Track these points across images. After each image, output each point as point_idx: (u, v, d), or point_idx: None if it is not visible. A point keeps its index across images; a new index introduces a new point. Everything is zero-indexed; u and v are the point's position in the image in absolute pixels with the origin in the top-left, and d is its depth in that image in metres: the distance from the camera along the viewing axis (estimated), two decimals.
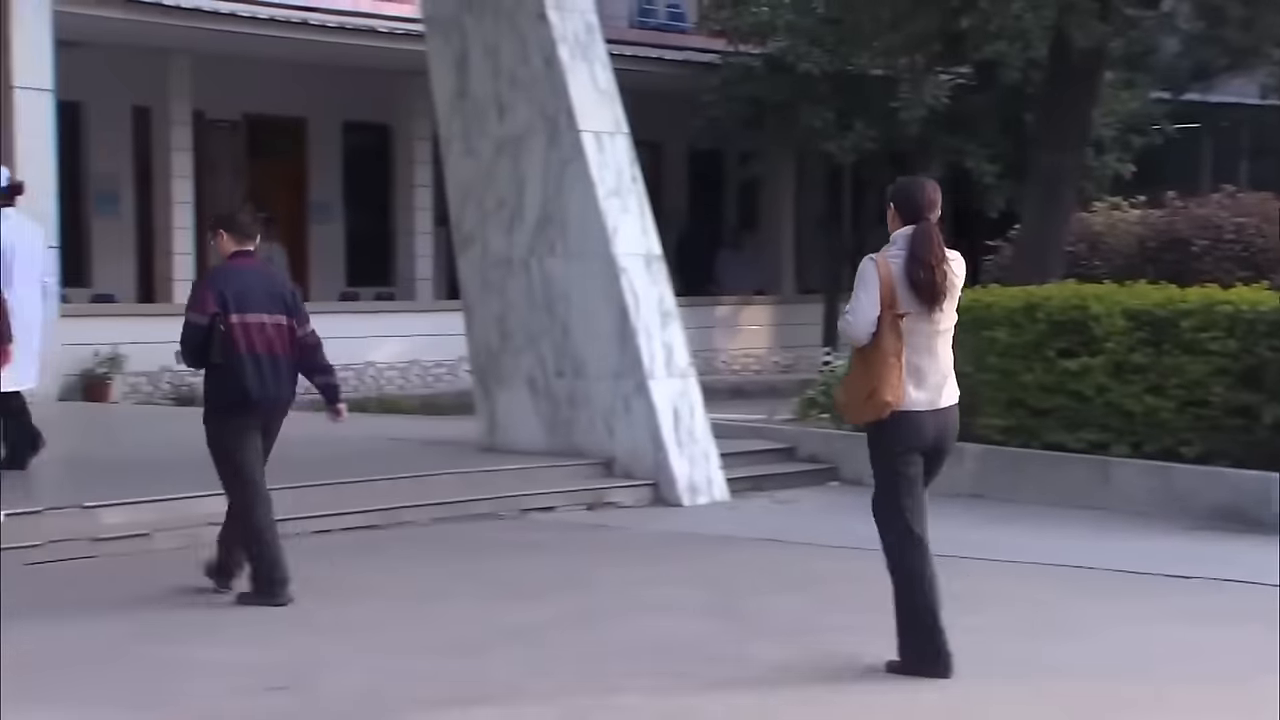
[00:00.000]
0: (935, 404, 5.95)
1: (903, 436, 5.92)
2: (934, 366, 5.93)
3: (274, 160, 20.82)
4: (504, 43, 11.10)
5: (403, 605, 7.41)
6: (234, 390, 7.34)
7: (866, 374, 5.89)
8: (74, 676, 6.11)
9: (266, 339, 7.39)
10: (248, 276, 7.52)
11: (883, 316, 5.85)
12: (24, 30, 13.84)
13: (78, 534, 8.34)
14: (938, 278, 5.86)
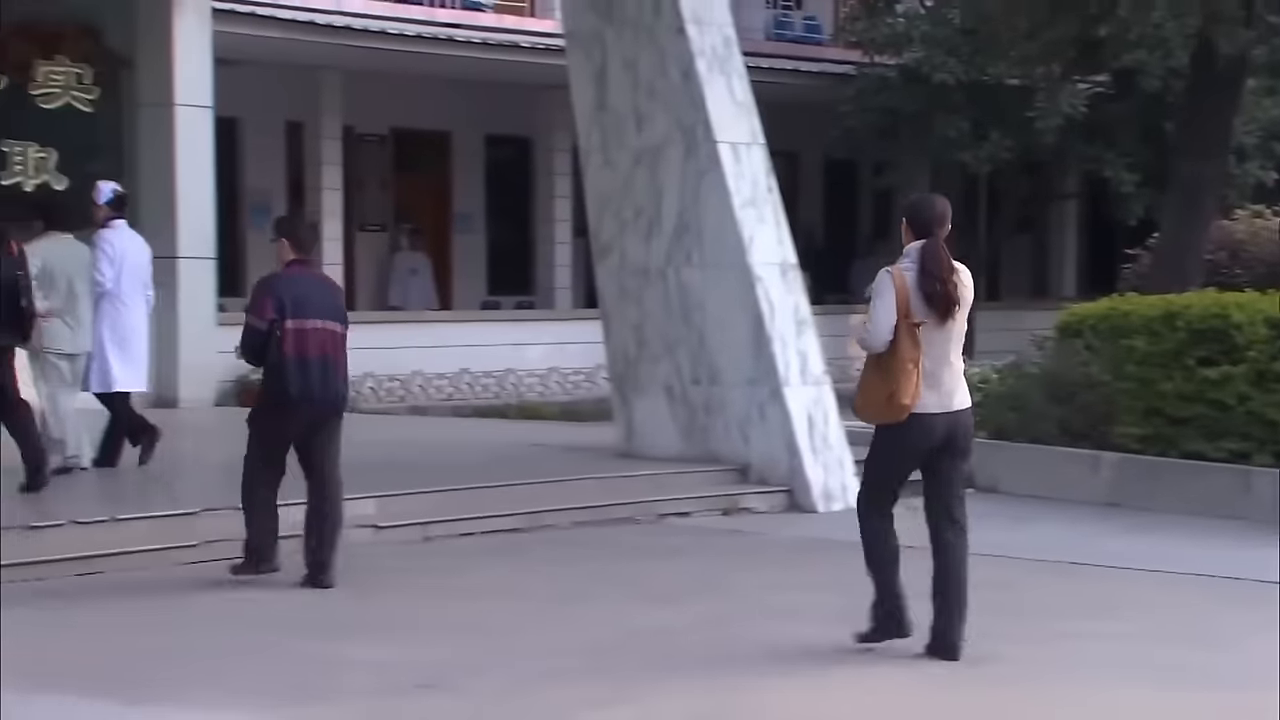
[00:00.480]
0: (948, 407, 6.21)
1: (915, 436, 6.19)
2: (947, 372, 6.20)
3: (419, 173, 21.11)
4: (643, 56, 11.14)
5: (543, 607, 7.47)
6: (280, 390, 7.67)
7: (885, 379, 6.14)
8: (232, 670, 6.24)
9: (319, 343, 7.67)
10: (304, 284, 7.81)
11: (899, 325, 6.11)
12: (186, 50, 14.19)
13: (230, 535, 8.49)
14: (949, 289, 6.17)
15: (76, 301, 9.61)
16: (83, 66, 13.89)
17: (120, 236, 10.01)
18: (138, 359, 10.14)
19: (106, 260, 9.88)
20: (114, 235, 10.00)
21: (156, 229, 14.26)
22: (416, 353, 17.53)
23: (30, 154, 13.64)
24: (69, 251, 9.68)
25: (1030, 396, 11.41)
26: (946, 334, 6.18)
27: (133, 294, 10.06)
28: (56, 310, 9.55)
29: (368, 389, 16.90)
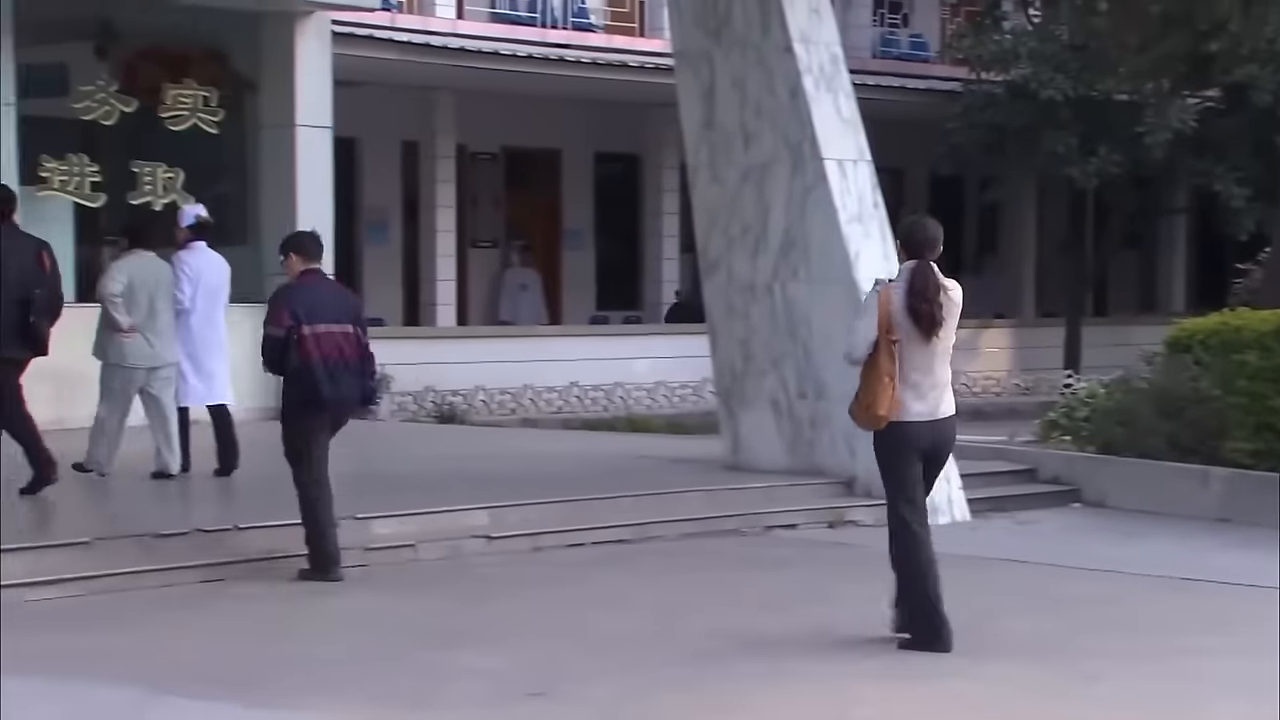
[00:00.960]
0: (934, 415, 6.66)
1: (901, 442, 6.65)
2: (931, 382, 6.64)
3: (530, 190, 21.26)
4: (751, 75, 11.15)
5: (652, 616, 7.48)
6: (308, 392, 7.95)
7: (866, 390, 6.63)
8: (348, 677, 6.32)
9: (336, 345, 7.99)
10: (316, 292, 8.14)
11: (880, 340, 6.55)
12: (307, 73, 14.42)
13: (351, 544, 8.60)
14: (934, 309, 6.60)
15: (156, 318, 9.88)
16: (209, 89, 14.15)
17: (198, 257, 10.26)
18: (210, 374, 10.38)
19: (186, 280, 10.13)
20: (191, 256, 10.26)
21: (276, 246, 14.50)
22: (527, 366, 17.64)
23: (159, 174, 13.90)
24: (151, 269, 9.93)
25: (1139, 411, 11.25)
26: (931, 349, 6.62)
27: (209, 312, 10.31)
28: (138, 326, 9.84)
29: (479, 401, 17.03)
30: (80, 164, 13.40)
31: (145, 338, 9.90)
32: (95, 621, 7.08)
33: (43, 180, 13.19)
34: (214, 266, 10.48)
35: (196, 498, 9.55)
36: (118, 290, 9.76)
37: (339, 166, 15.24)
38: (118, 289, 9.76)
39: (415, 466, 11.68)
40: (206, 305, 10.29)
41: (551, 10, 19.78)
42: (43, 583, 7.53)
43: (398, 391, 16.18)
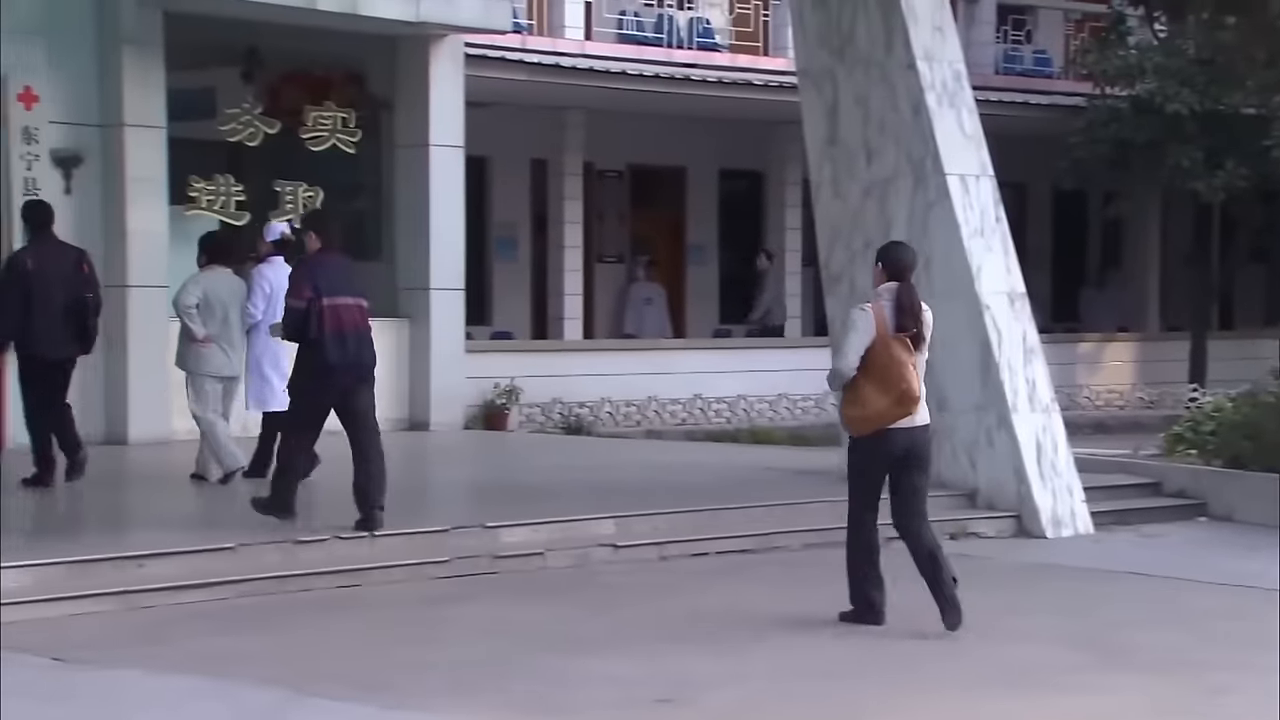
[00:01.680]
0: (911, 423, 7.11)
1: (880, 446, 7.11)
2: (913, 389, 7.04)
3: (656, 207, 21.33)
4: (874, 92, 11.11)
5: (777, 626, 7.46)
6: (322, 360, 8.49)
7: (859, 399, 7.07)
8: (478, 682, 6.38)
9: (352, 318, 8.57)
10: (332, 267, 8.69)
11: (882, 339, 7.01)
12: (440, 94, 14.61)
13: (480, 551, 8.70)
14: (920, 327, 7.11)
15: (231, 330, 10.20)
16: (348, 111, 14.39)
17: (276, 272, 10.38)
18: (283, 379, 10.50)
19: (260, 294, 10.37)
20: (269, 270, 10.45)
21: (410, 262, 14.77)
22: (651, 379, 17.68)
23: (300, 193, 14.16)
24: (226, 284, 10.28)
25: (1266, 425, 11.00)
26: (916, 359, 7.13)
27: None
28: (214, 336, 10.22)
29: (605, 413, 17.11)
30: (226, 184, 13.70)
31: (221, 348, 10.30)
32: (240, 624, 7.23)
33: (191, 200, 13.50)
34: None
35: (333, 505, 9.71)
36: (193, 303, 10.18)
37: (470, 184, 15.40)
38: (193, 301, 10.18)
39: (543, 476, 11.77)
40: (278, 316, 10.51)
41: (678, 31, 19.84)
42: (191, 586, 7.71)
43: (526, 403, 16.30)
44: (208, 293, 10.24)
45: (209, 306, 10.23)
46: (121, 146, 12.85)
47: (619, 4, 19.65)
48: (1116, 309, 23.28)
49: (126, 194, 12.86)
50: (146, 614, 7.34)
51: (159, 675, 6.28)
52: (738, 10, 20.65)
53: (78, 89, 12.73)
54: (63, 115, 12.63)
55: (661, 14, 19.84)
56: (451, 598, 7.95)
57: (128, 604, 7.43)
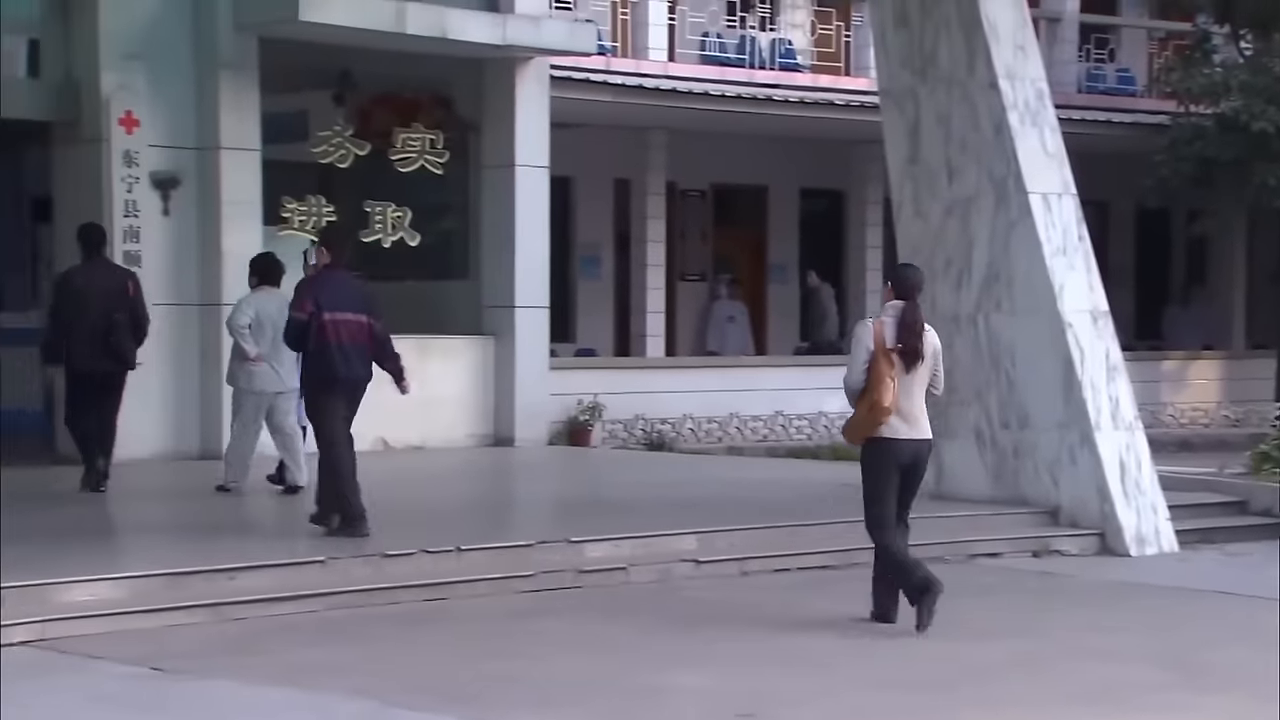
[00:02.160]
0: (915, 435, 7.55)
1: (891, 456, 7.53)
2: (911, 406, 7.51)
3: (737, 225, 21.31)
4: (955, 111, 11.04)
5: (859, 641, 7.41)
6: (324, 370, 8.88)
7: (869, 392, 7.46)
8: (562, 695, 6.38)
9: (350, 331, 8.89)
10: (335, 282, 9.02)
11: (878, 355, 7.43)
12: (526, 115, 14.69)
13: (564, 566, 8.71)
14: (918, 344, 7.49)
15: (280, 348, 10.22)
16: (435, 133, 14.51)
17: None
18: None
19: None
20: None
21: (496, 280, 14.85)
22: (733, 396, 17.65)
23: (389, 213, 14.30)
24: (276, 304, 10.36)
25: None
26: (912, 378, 7.52)
27: None
28: (264, 355, 10.44)
29: (687, 429, 17.10)
30: (318, 205, 13.86)
31: (271, 366, 10.49)
32: (329, 636, 7.29)
33: (284, 220, 13.67)
34: None
35: (420, 521, 9.77)
36: (245, 322, 10.43)
37: (555, 203, 15.46)
38: (245, 321, 10.43)
39: (626, 492, 11.77)
40: None
41: (760, 52, 19.82)
42: (281, 598, 7.78)
43: (609, 420, 16.32)
44: (259, 313, 10.45)
45: (260, 326, 10.43)
46: (218, 169, 13.04)
47: (702, 26, 19.68)
48: (1201, 327, 22.93)
49: (222, 215, 13.04)
50: (239, 625, 7.42)
51: (253, 686, 6.34)
52: (820, 31, 20.61)
53: (176, 113, 12.93)
54: (162, 139, 12.84)
55: (744, 35, 19.84)
56: (536, 612, 7.97)
57: (220, 615, 7.52)
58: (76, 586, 7.45)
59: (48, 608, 7.22)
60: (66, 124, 12.71)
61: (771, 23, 20.25)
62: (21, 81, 13.23)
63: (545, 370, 14.96)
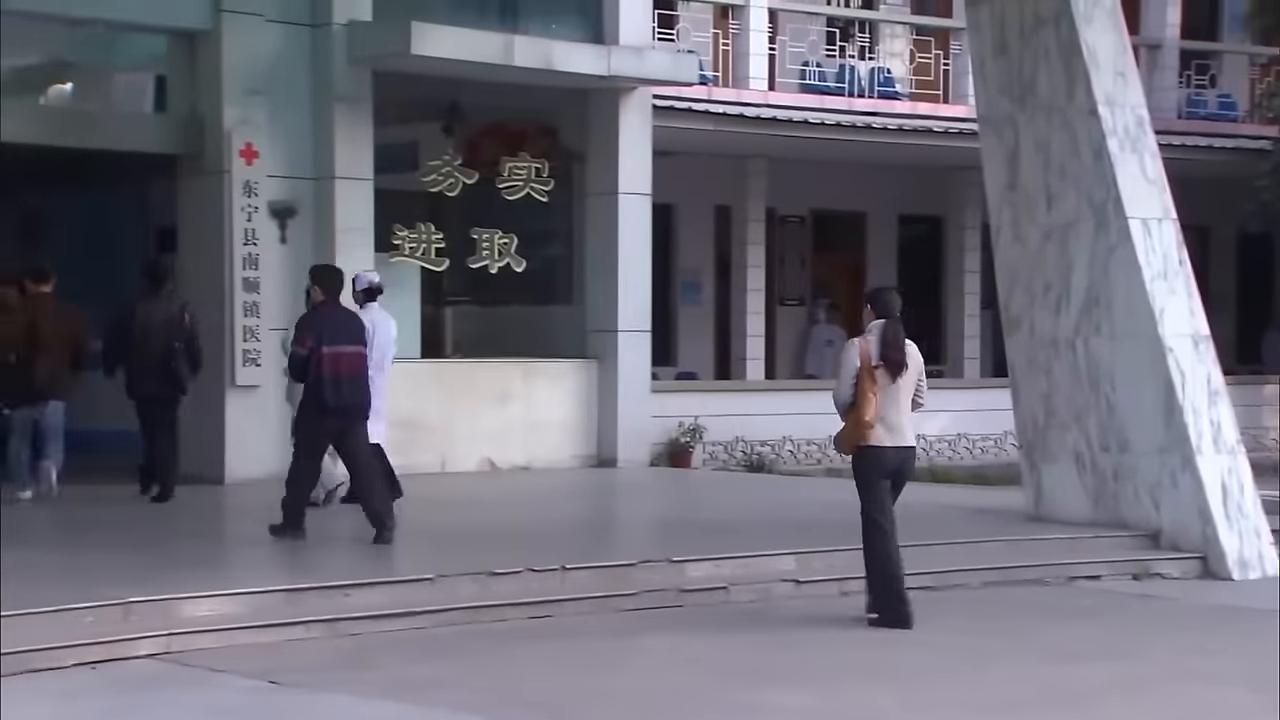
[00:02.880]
0: (900, 443, 8.01)
1: (878, 463, 7.99)
2: (896, 416, 7.97)
3: (836, 251, 21.23)
4: (1054, 137, 10.93)
5: (957, 661, 7.34)
6: (319, 399, 9.37)
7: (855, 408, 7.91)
8: (662, 712, 6.38)
9: (348, 364, 9.43)
10: (333, 318, 9.56)
11: (862, 372, 7.88)
12: (629, 144, 14.75)
13: (666, 585, 8.72)
14: (901, 358, 7.96)
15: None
16: (541, 161, 14.61)
17: (370, 318, 10.69)
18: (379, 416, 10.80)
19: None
20: (365, 317, 10.62)
21: (599, 305, 14.92)
22: (832, 418, 17.41)
23: (496, 240, 14.42)
24: None
25: None
26: (897, 389, 7.96)
27: (379, 365, 10.79)
28: None
29: (786, 451, 17.03)
30: (427, 232, 14.01)
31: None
32: (438, 652, 7.35)
33: (395, 247, 13.84)
34: (385, 326, 11.05)
35: (525, 540, 9.83)
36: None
37: (657, 230, 15.49)
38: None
39: (726, 513, 11.75)
40: (378, 357, 10.78)
41: (859, 80, 19.76)
42: (393, 615, 7.86)
43: (709, 442, 16.31)
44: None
45: None
46: (332, 198, 13.24)
47: (802, 56, 19.66)
48: None
49: (336, 243, 13.23)
50: (352, 640, 7.51)
51: (366, 700, 6.41)
52: (918, 60, 20.50)
53: (294, 145, 13.16)
54: (280, 170, 13.06)
55: (843, 64, 19.79)
56: (638, 629, 7.98)
57: (335, 631, 7.61)
58: (199, 601, 7.58)
59: (172, 622, 7.36)
60: (191, 156, 12.98)
61: (871, 52, 20.17)
62: (149, 116, 13.55)
63: (647, 393, 14.99)
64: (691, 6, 18.78)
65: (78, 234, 15.58)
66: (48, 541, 9.70)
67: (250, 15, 12.84)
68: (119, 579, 7.84)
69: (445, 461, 13.81)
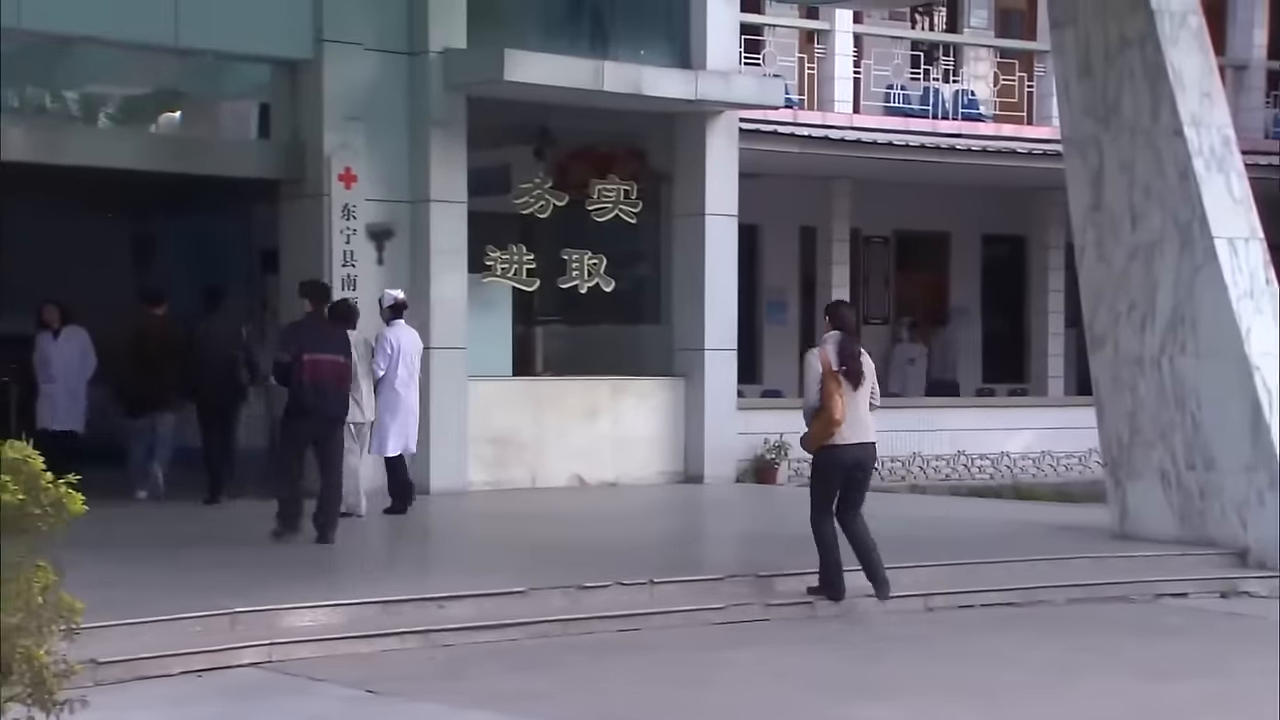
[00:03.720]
0: (860, 439, 8.65)
1: (839, 459, 8.64)
2: (856, 417, 8.60)
3: (919, 271, 21.06)
4: (1139, 158, 10.78)
5: (1044, 677, 7.22)
6: (299, 404, 9.86)
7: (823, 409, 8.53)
8: None
9: (328, 371, 9.90)
10: (316, 328, 10.10)
11: (826, 376, 8.52)
12: (716, 166, 14.76)
13: (753, 599, 8.68)
14: (859, 366, 8.64)
15: (359, 384, 10.95)
16: (629, 184, 14.64)
17: (396, 334, 11.32)
18: (404, 429, 11.46)
19: (383, 354, 11.25)
20: (391, 333, 11.33)
21: (686, 324, 14.91)
22: (915, 436, 17.40)
23: (585, 260, 14.47)
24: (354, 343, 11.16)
25: None
26: (858, 394, 8.65)
27: (406, 379, 11.36)
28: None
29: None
30: (519, 253, 14.08)
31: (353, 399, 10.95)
32: (529, 663, 7.36)
33: (487, 268, 13.93)
34: (410, 341, 11.48)
35: (614, 555, 9.82)
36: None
37: (742, 250, 15.47)
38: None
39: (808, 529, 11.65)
40: (405, 372, 11.33)
41: (943, 103, 19.61)
42: (485, 626, 7.89)
43: (794, 458, 16.20)
44: None
45: None
46: (428, 220, 13.36)
47: (886, 79, 19.55)
48: None
49: (431, 264, 13.35)
50: (446, 651, 7.54)
51: (460, 710, 6.43)
52: (1002, 82, 20.32)
53: (391, 169, 13.30)
54: (377, 193, 13.21)
55: (927, 87, 19.65)
56: (726, 643, 7.94)
57: (430, 642, 7.65)
58: (300, 612, 7.65)
59: (274, 632, 7.44)
60: (292, 181, 13.15)
61: (955, 74, 20.02)
62: (253, 143, 13.76)
63: (733, 410, 14.95)
64: (778, 31, 18.75)
65: (185, 256, 15.85)
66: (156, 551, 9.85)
67: (350, 45, 13.00)
68: (224, 589, 7.94)
69: (535, 477, 13.86)
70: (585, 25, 14.40)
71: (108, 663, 6.52)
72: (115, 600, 7.14)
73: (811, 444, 8.65)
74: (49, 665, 4.48)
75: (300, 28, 12.85)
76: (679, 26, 14.66)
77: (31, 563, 4.49)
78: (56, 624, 4.53)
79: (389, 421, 11.33)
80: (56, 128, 12.83)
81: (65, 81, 13.05)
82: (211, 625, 7.31)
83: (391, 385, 11.29)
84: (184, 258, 15.80)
